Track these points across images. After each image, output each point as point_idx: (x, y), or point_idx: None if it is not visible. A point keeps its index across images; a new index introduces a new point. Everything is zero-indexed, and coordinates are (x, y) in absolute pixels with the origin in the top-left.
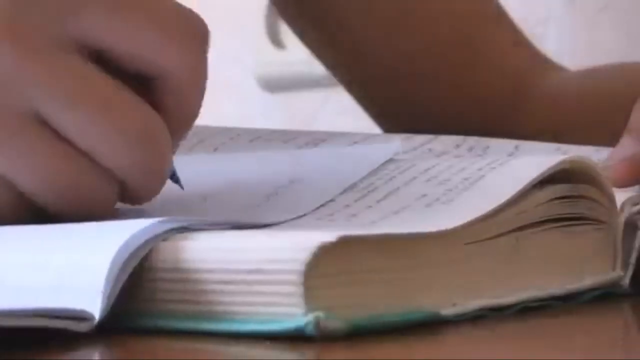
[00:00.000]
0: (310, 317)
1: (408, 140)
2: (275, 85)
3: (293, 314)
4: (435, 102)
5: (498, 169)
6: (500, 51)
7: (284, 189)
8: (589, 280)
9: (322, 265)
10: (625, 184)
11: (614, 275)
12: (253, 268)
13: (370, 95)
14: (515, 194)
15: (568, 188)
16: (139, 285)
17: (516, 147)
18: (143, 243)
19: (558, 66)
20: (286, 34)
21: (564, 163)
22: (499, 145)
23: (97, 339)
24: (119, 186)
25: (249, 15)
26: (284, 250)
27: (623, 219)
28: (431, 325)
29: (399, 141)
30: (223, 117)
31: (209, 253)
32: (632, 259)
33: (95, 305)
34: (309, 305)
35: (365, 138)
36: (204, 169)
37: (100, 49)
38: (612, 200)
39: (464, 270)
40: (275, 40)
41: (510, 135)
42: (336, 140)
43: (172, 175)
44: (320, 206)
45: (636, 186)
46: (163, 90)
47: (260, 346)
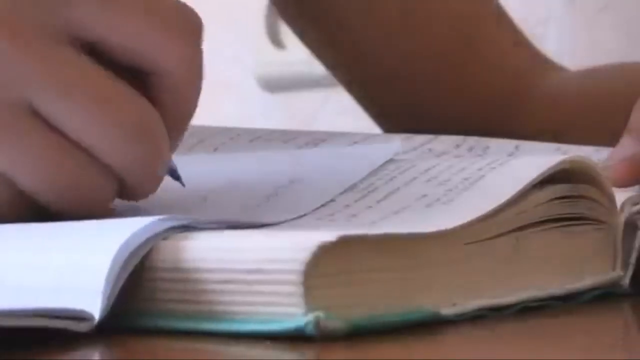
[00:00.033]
0: (310, 317)
1: (408, 140)
2: (275, 85)
3: (293, 314)
4: (435, 102)
5: (498, 169)
6: (500, 51)
7: (284, 189)
8: (589, 280)
9: (322, 265)
10: (625, 184)
11: (614, 275)
12: (253, 268)
13: (370, 96)
14: (515, 194)
15: (568, 188)
16: (139, 285)
17: (516, 147)
18: (143, 242)
19: (558, 66)
20: (286, 34)
21: (564, 163)
22: (499, 146)
23: (97, 339)
24: (117, 181)
25: (249, 15)
26: (284, 250)
27: (623, 219)
28: (431, 325)
29: (399, 141)
30: (223, 117)
31: (209, 253)
32: (632, 259)
33: (95, 305)
34: (309, 305)
35: (365, 138)
36: (204, 169)
37: (93, 40)
38: (612, 200)
39: (464, 270)
40: (275, 40)
41: (510, 135)
42: (336, 140)
43: (173, 173)
44: (320, 206)
45: (636, 186)
46: (159, 85)
47: (260, 346)
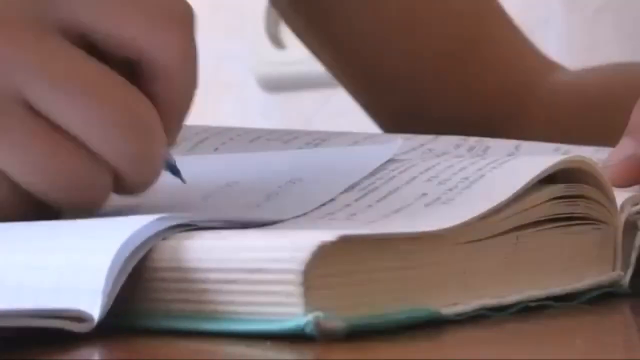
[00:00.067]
0: (310, 317)
1: (408, 140)
2: (275, 85)
3: (293, 314)
4: (436, 102)
5: (498, 169)
6: (501, 51)
7: (284, 188)
8: (589, 280)
9: (322, 265)
10: (625, 184)
11: (614, 275)
12: (253, 267)
13: (370, 96)
14: (514, 193)
15: (568, 188)
16: (139, 285)
17: (516, 147)
18: (143, 242)
19: (558, 66)
20: (286, 34)
21: (563, 163)
22: (499, 146)
23: (97, 339)
24: (112, 173)
25: (249, 15)
26: (284, 250)
27: (623, 219)
28: (431, 325)
29: (399, 141)
30: (223, 117)
31: (208, 252)
32: (632, 259)
33: (95, 305)
34: (309, 305)
35: (366, 138)
36: (204, 169)
37: (83, 31)
38: (612, 200)
39: (464, 270)
40: (275, 40)
41: (511, 135)
42: (336, 140)
43: (172, 168)
44: (320, 205)
45: (636, 186)
46: (150, 75)
47: (260, 346)
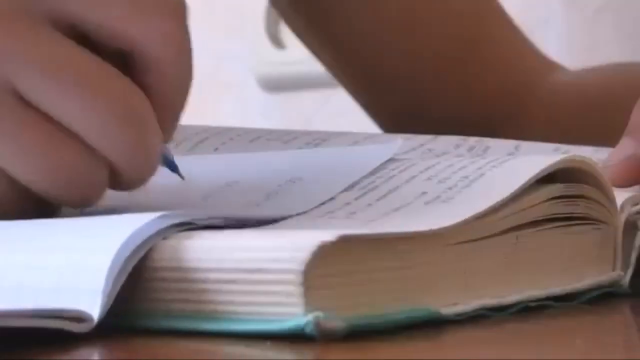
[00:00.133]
0: (310, 317)
1: (408, 140)
2: (275, 85)
3: (293, 314)
4: (436, 102)
5: (498, 168)
6: (501, 51)
7: (284, 187)
8: (589, 280)
9: (322, 265)
10: (625, 184)
11: (614, 275)
12: (253, 267)
13: (370, 96)
14: (513, 192)
15: (568, 187)
16: (139, 285)
17: (516, 147)
18: (144, 241)
19: (559, 66)
20: (286, 34)
21: (563, 162)
22: (499, 146)
23: (97, 339)
24: (107, 166)
25: (249, 15)
26: (284, 250)
27: (623, 219)
28: (431, 325)
29: (399, 141)
30: (223, 117)
31: (208, 252)
32: (632, 259)
33: (95, 305)
34: (309, 305)
35: (366, 138)
36: (204, 169)
37: (74, 22)
38: (612, 200)
39: (464, 270)
40: (275, 40)
41: (511, 135)
42: (336, 140)
43: (170, 164)
44: (320, 204)
45: (636, 186)
46: (143, 67)
47: (260, 346)
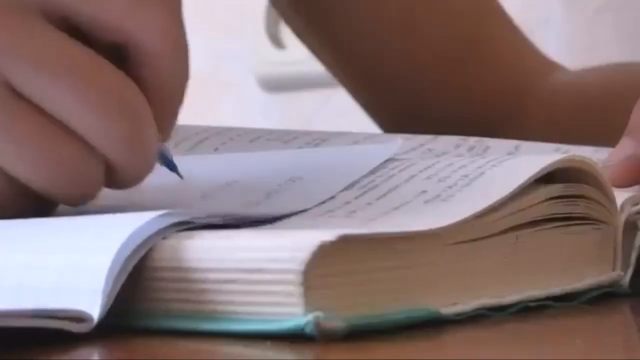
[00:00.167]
0: (309, 317)
1: (408, 140)
2: (275, 85)
3: (293, 314)
4: (436, 102)
5: (498, 167)
6: (501, 51)
7: (284, 187)
8: (589, 280)
9: (322, 265)
10: (625, 184)
11: (614, 275)
12: (253, 267)
13: (370, 96)
14: (512, 191)
15: (567, 187)
16: (139, 285)
17: (516, 148)
18: (144, 241)
19: (559, 66)
20: (286, 34)
21: (562, 162)
22: (499, 146)
23: (97, 339)
24: (103, 161)
25: (249, 15)
26: (284, 250)
27: (623, 219)
28: (431, 325)
29: (399, 140)
30: (223, 117)
31: (208, 252)
32: (632, 259)
33: (95, 305)
34: (309, 305)
35: (366, 138)
36: (204, 169)
37: (66, 14)
38: (612, 200)
39: (464, 270)
40: (275, 40)
41: (511, 135)
42: (336, 140)
43: (169, 163)
44: (320, 203)
45: (636, 186)
46: (137, 61)
47: (260, 346)
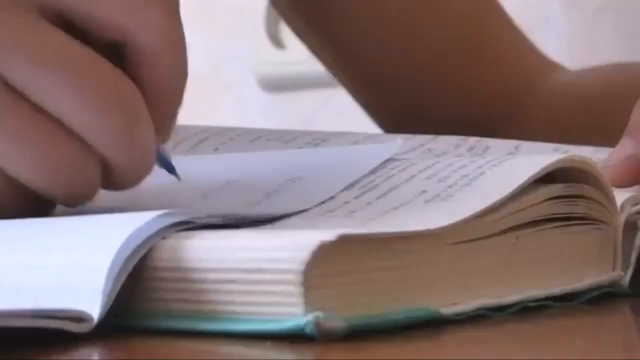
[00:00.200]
0: (309, 317)
1: (408, 140)
2: (275, 85)
3: (293, 314)
4: (435, 102)
5: (498, 167)
6: (501, 51)
7: (284, 187)
8: (589, 280)
9: (322, 265)
10: (625, 184)
11: (614, 275)
12: (253, 267)
13: (370, 96)
14: (512, 191)
15: (567, 187)
16: (139, 285)
17: (516, 147)
18: (144, 241)
19: (559, 66)
20: (286, 34)
21: (562, 162)
22: (499, 146)
23: (97, 339)
24: (99, 160)
25: (249, 15)
26: (284, 250)
27: (623, 219)
28: (431, 325)
29: (399, 140)
30: (223, 117)
31: (208, 252)
32: (632, 259)
33: (94, 305)
34: (309, 305)
35: (366, 138)
36: (204, 169)
37: (62, 10)
38: (612, 200)
39: (464, 270)
40: (275, 40)
41: (511, 135)
42: (336, 140)
43: (167, 165)
44: (320, 203)
45: (636, 186)
46: (135, 59)
47: (260, 346)
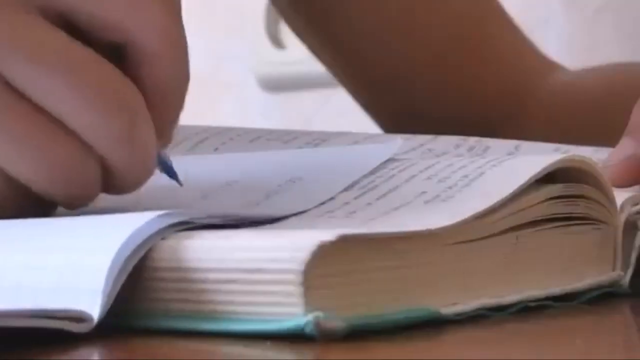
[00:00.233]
0: (309, 317)
1: (408, 140)
2: (275, 85)
3: (293, 314)
4: (435, 103)
5: (498, 167)
6: (501, 51)
7: (284, 187)
8: (589, 280)
9: (322, 265)
10: (625, 184)
11: (614, 275)
12: (253, 267)
13: (370, 96)
14: (513, 192)
15: (568, 187)
16: (138, 285)
17: (516, 148)
18: (143, 241)
19: (559, 66)
20: (286, 34)
21: (562, 162)
22: (499, 146)
23: (97, 339)
24: (100, 161)
25: (249, 15)
26: (284, 250)
27: (623, 219)
28: (431, 325)
29: (399, 141)
30: (223, 117)
31: (208, 252)
32: (632, 259)
33: (94, 305)
34: (309, 305)
35: (366, 138)
36: (204, 169)
37: (63, 10)
38: (612, 200)
39: (464, 270)
40: (275, 40)
41: (513, 135)
42: (336, 140)
43: (169, 170)
44: (320, 204)
45: (636, 186)
46: (136, 60)
47: (260, 346)
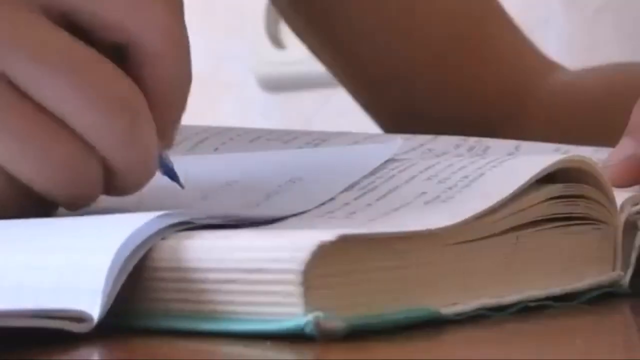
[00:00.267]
0: (309, 317)
1: (408, 140)
2: (275, 85)
3: (292, 314)
4: (435, 103)
5: (498, 167)
6: (501, 51)
7: (284, 187)
8: (589, 280)
9: (322, 265)
10: (625, 184)
11: (614, 275)
12: (253, 267)
13: (370, 96)
14: (513, 192)
15: (568, 187)
16: (138, 285)
17: (516, 148)
18: (143, 241)
19: (559, 66)
20: (286, 34)
21: (562, 162)
22: (499, 146)
23: (97, 339)
24: (101, 161)
25: (249, 15)
26: (284, 250)
27: (623, 219)
28: (431, 325)
29: (399, 141)
30: (223, 117)
31: (208, 252)
32: (632, 259)
33: (95, 305)
34: (309, 305)
35: (366, 138)
36: (204, 169)
37: (66, 10)
38: (612, 200)
39: (464, 270)
40: (275, 40)
41: (513, 135)
42: (336, 140)
43: (170, 172)
44: (320, 204)
45: (636, 186)
46: (138, 60)
47: (260, 346)
